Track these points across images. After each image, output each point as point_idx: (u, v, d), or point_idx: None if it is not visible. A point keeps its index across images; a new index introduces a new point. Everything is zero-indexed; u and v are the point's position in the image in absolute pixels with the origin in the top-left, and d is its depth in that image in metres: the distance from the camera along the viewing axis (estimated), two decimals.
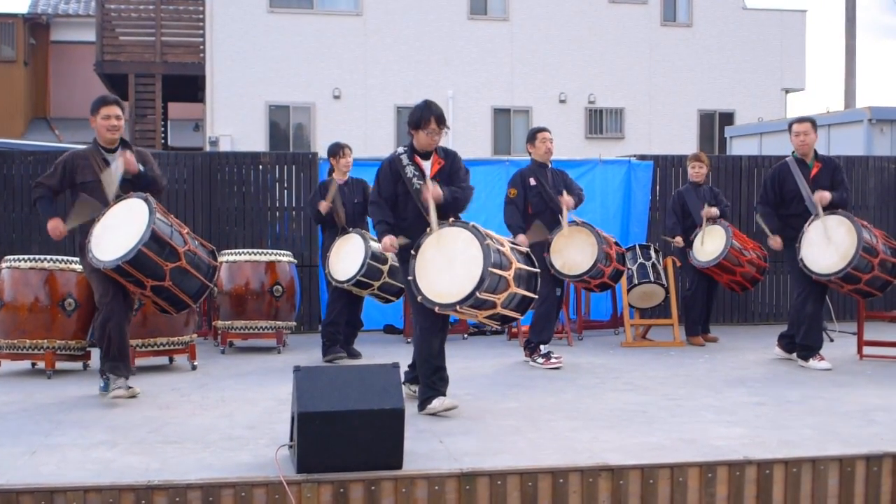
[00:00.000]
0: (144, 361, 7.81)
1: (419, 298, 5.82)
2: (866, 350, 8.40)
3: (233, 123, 20.90)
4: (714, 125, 22.43)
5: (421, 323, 6.11)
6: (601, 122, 22.22)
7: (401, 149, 6.32)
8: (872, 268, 7.63)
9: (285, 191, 10.58)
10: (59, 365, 7.58)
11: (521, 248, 6.27)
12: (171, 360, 8.09)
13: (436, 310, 5.81)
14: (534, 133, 8.34)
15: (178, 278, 6.26)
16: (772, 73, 22.95)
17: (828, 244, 7.64)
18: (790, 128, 8.13)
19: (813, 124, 8.04)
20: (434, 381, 6.08)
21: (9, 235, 10.14)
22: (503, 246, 5.94)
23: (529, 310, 8.15)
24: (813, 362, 7.84)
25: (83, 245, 6.33)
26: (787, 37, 23.13)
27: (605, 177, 11.00)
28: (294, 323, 9.23)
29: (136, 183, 6.39)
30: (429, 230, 5.94)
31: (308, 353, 8.68)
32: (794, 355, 8.09)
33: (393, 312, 10.11)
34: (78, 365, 7.80)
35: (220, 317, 8.95)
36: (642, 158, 11.36)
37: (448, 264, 5.81)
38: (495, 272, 5.72)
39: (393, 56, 21.38)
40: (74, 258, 7.47)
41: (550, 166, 8.34)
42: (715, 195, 9.61)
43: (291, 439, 4.77)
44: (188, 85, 22.89)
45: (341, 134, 18.91)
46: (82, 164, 6.44)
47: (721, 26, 22.71)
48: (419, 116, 6.10)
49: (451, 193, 6.12)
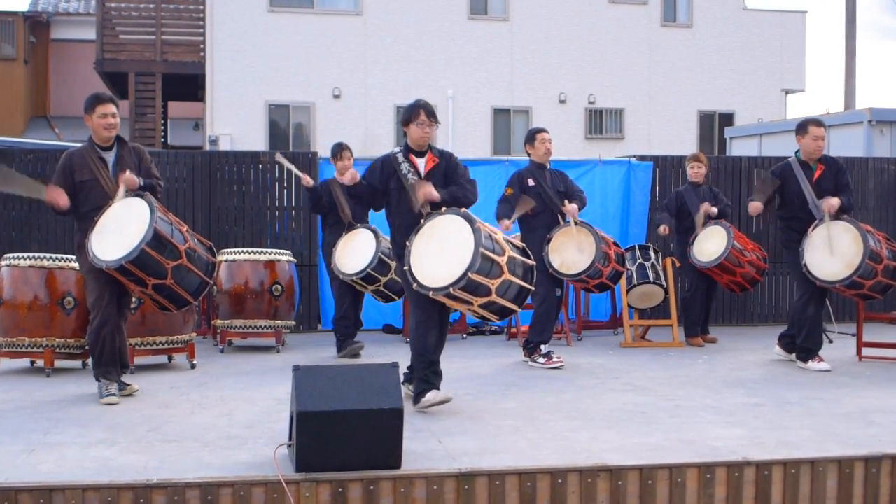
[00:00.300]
0: (143, 360, 7.82)
1: (414, 286, 5.90)
2: (865, 351, 8.41)
3: (233, 122, 20.91)
4: (714, 126, 22.43)
5: (417, 316, 6.19)
6: (601, 123, 22.23)
7: (397, 148, 6.47)
8: (876, 274, 7.61)
9: (285, 190, 10.59)
10: (59, 363, 7.58)
11: (517, 242, 6.32)
12: (171, 359, 8.09)
13: (430, 295, 5.86)
14: (533, 134, 8.33)
15: (179, 276, 6.27)
16: (772, 74, 22.96)
17: (832, 251, 7.59)
18: (805, 128, 7.88)
19: (825, 129, 8.03)
20: (427, 375, 6.16)
21: (8, 234, 10.13)
22: (496, 234, 6.06)
23: (528, 309, 8.27)
24: (812, 364, 7.83)
25: (81, 244, 6.33)
26: (788, 38, 23.13)
27: (605, 177, 11.00)
28: (293, 322, 9.23)
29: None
30: (422, 220, 6.04)
31: (307, 353, 8.68)
32: (794, 356, 8.10)
33: (392, 312, 10.12)
34: (77, 363, 7.80)
35: (220, 316, 8.95)
36: (642, 159, 11.35)
37: (441, 250, 5.91)
38: (487, 254, 5.79)
39: (393, 56, 21.38)
40: (74, 256, 7.46)
41: (549, 167, 8.35)
42: (715, 195, 9.60)
43: (290, 438, 4.77)
44: (188, 84, 22.89)
45: (341, 133, 18.96)
46: (79, 163, 6.44)
47: (721, 27, 22.71)
48: (408, 111, 6.40)
49: (450, 193, 6.20)
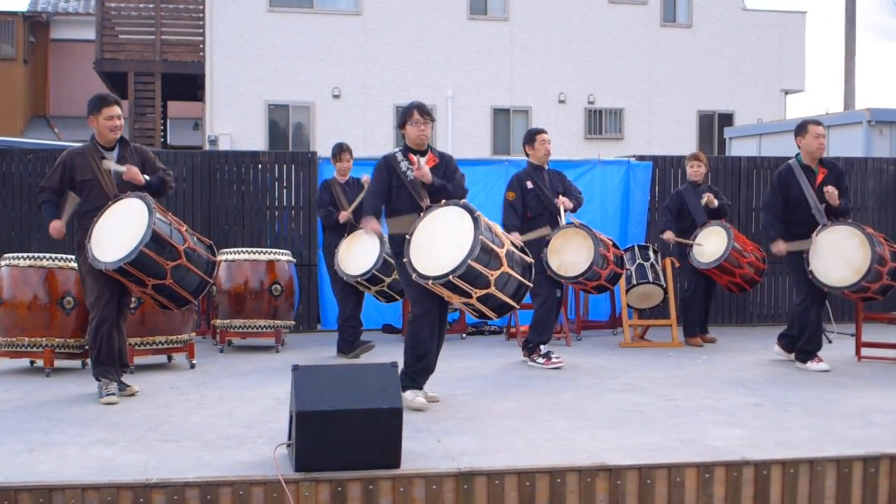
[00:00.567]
0: (143, 360, 7.82)
1: (413, 276, 5.91)
2: (864, 351, 8.41)
3: (232, 122, 20.91)
4: (713, 126, 22.43)
5: (415, 311, 6.25)
6: (600, 123, 22.23)
7: (397, 148, 6.56)
8: (881, 277, 7.62)
9: (284, 190, 10.59)
10: (58, 363, 7.58)
11: (516, 240, 6.38)
12: (170, 359, 8.10)
13: (430, 284, 5.86)
14: (532, 135, 8.29)
15: (179, 276, 6.28)
16: (771, 75, 22.96)
17: (839, 257, 7.58)
18: (804, 128, 7.85)
19: (825, 129, 8.03)
20: (416, 371, 6.19)
21: (8, 233, 10.13)
22: (496, 227, 6.12)
23: (528, 309, 8.28)
24: (811, 364, 7.83)
25: (81, 244, 6.34)
26: (787, 38, 23.14)
27: (604, 177, 11.00)
28: (293, 322, 9.23)
29: (144, 190, 6.40)
30: (422, 214, 6.10)
31: (307, 353, 8.68)
32: (793, 356, 8.10)
33: (392, 312, 10.12)
34: (76, 363, 7.80)
35: (219, 315, 8.95)
36: (641, 159, 11.35)
37: (441, 239, 5.95)
38: (487, 244, 5.83)
39: (393, 56, 21.38)
40: (73, 256, 7.47)
41: (548, 168, 8.34)
42: (715, 193, 9.59)
43: (290, 438, 4.78)
44: (188, 83, 22.90)
45: (341, 133, 18.97)
46: (81, 163, 6.46)
47: (721, 27, 22.72)
48: (402, 113, 6.49)
49: (442, 183, 6.30)
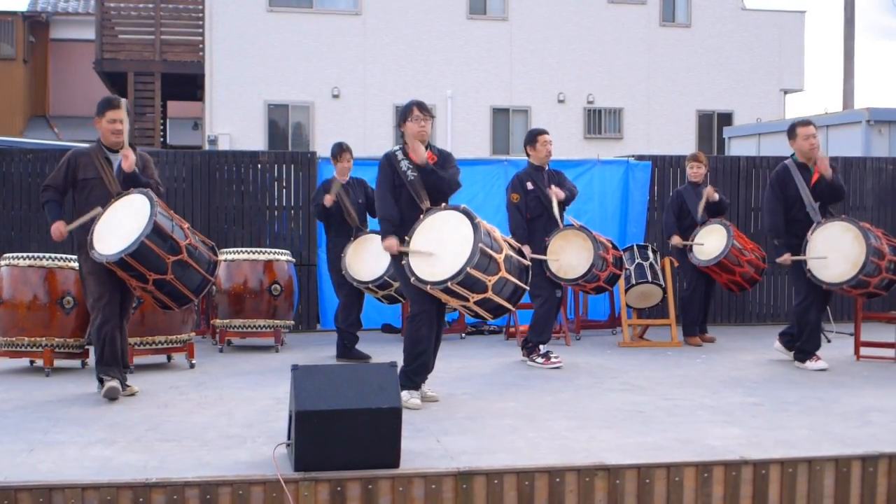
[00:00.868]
0: (143, 360, 7.82)
1: (412, 280, 5.98)
2: (863, 351, 8.42)
3: (232, 122, 20.91)
4: (712, 125, 22.43)
5: (413, 310, 6.28)
6: (600, 122, 22.23)
7: (396, 146, 6.55)
8: (880, 271, 7.62)
9: (284, 190, 10.60)
10: (58, 363, 7.59)
11: (513, 242, 6.38)
12: (170, 359, 8.10)
13: (428, 289, 5.93)
14: (534, 135, 8.26)
15: (180, 272, 6.30)
16: (770, 74, 22.97)
17: (835, 252, 7.59)
18: (793, 131, 7.95)
19: (815, 128, 8.04)
20: (415, 370, 6.21)
21: (8, 233, 10.14)
22: (495, 232, 6.12)
23: (527, 308, 8.28)
24: (809, 363, 7.84)
25: (82, 243, 6.35)
26: (786, 37, 23.14)
27: (604, 177, 11.00)
28: (292, 322, 9.24)
29: (128, 184, 6.42)
30: (422, 216, 6.11)
31: (306, 352, 8.68)
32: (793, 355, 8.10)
33: (391, 312, 10.12)
34: (76, 363, 7.81)
35: (219, 315, 8.96)
36: (640, 159, 11.35)
37: (440, 244, 5.98)
38: (486, 250, 5.87)
39: (392, 55, 21.38)
40: (73, 256, 7.48)
41: (548, 168, 8.33)
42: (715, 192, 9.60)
43: (289, 438, 4.79)
44: (187, 83, 22.89)
45: (340, 133, 18.95)
46: (85, 162, 6.49)
47: (720, 27, 22.72)
48: (402, 111, 6.49)
49: (432, 168, 6.29)
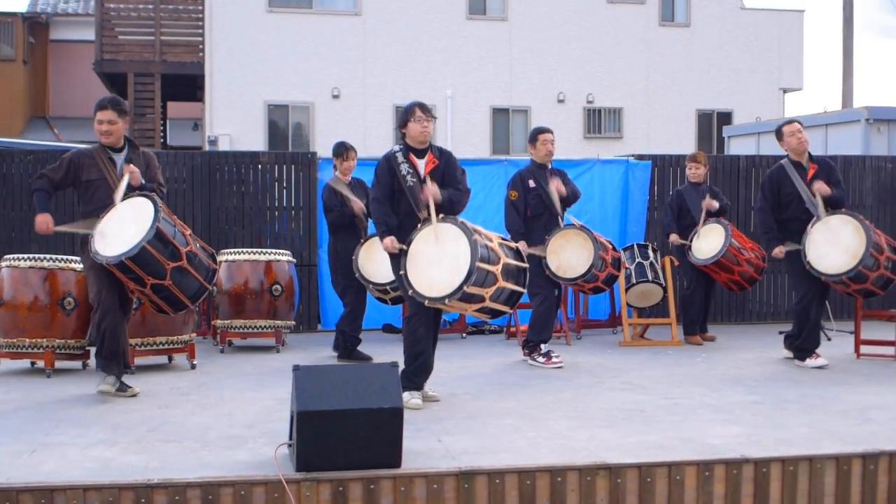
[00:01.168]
0: (144, 360, 7.83)
1: (410, 292, 6.06)
2: (863, 349, 8.43)
3: (232, 123, 20.92)
4: (712, 125, 22.44)
5: (411, 309, 6.31)
6: (599, 122, 22.24)
7: (396, 146, 6.47)
8: (879, 265, 7.63)
9: (284, 190, 10.60)
10: (59, 364, 7.59)
11: (511, 244, 6.37)
12: (171, 360, 8.11)
13: (425, 303, 6.01)
14: (535, 134, 8.28)
15: (178, 278, 6.29)
16: (769, 73, 22.97)
17: (835, 244, 7.61)
18: (779, 132, 8.08)
19: (801, 124, 8.07)
20: (415, 370, 6.26)
21: (8, 234, 10.15)
22: (492, 241, 6.13)
23: (527, 308, 8.28)
24: (809, 361, 7.85)
25: (85, 241, 6.36)
26: (785, 37, 23.15)
27: (604, 176, 11.01)
28: (293, 322, 9.24)
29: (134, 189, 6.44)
30: (420, 225, 6.12)
31: (307, 353, 8.69)
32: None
33: (391, 312, 10.11)
34: (77, 364, 7.81)
35: (220, 316, 8.97)
36: (640, 158, 11.36)
37: (438, 259, 6.01)
38: (483, 267, 5.90)
39: (392, 56, 21.39)
40: (74, 257, 7.50)
41: (550, 167, 8.34)
42: (715, 194, 9.60)
43: (290, 438, 4.79)
44: (187, 84, 22.89)
45: (340, 133, 18.93)
46: (88, 163, 6.48)
47: (719, 26, 22.73)
48: (403, 112, 6.48)
49: (449, 196, 6.27)
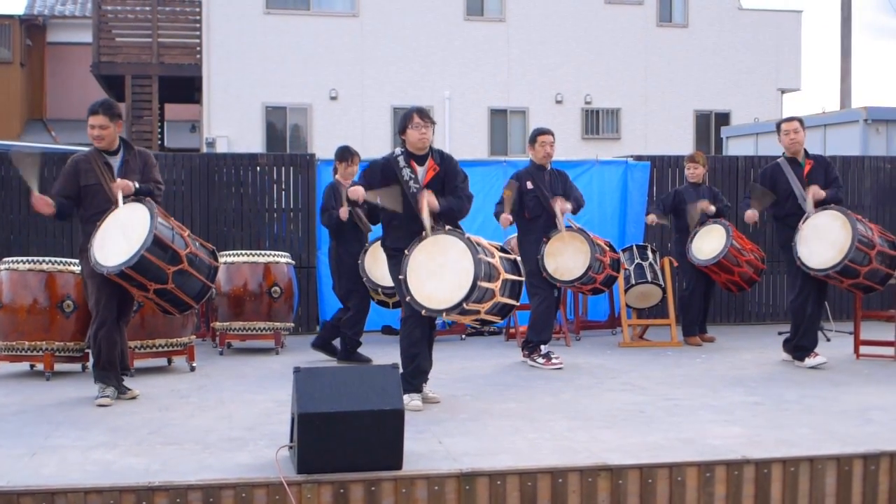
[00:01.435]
0: (143, 363, 7.82)
1: (408, 299, 6.08)
2: (863, 349, 8.43)
3: (229, 124, 20.90)
4: (710, 125, 22.46)
5: (406, 311, 6.31)
6: (597, 123, 22.24)
7: (398, 150, 6.39)
8: (870, 260, 7.62)
9: (283, 192, 10.59)
10: (58, 367, 7.57)
11: (510, 255, 6.38)
12: (170, 362, 8.10)
13: (423, 313, 6.07)
14: (535, 135, 8.29)
15: (180, 281, 6.30)
16: (767, 74, 22.98)
17: (823, 240, 7.64)
18: (778, 128, 8.14)
19: (801, 123, 8.08)
20: (412, 372, 6.26)
21: (7, 237, 10.12)
22: (493, 257, 6.15)
23: (526, 309, 8.28)
24: (808, 360, 7.85)
25: (84, 247, 6.35)
26: (783, 37, 23.16)
27: (603, 177, 11.01)
28: (292, 324, 9.24)
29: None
30: (423, 234, 6.10)
31: (306, 355, 8.67)
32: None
33: (391, 314, 10.10)
34: (77, 366, 7.80)
35: (218, 318, 8.96)
36: (639, 159, 11.36)
37: (439, 271, 6.03)
38: (483, 285, 5.96)
39: (389, 57, 21.38)
40: (73, 260, 7.49)
41: (550, 168, 8.33)
42: (714, 194, 9.61)
43: (291, 440, 4.78)
44: (185, 86, 22.87)
45: (338, 135, 18.98)
46: (85, 168, 6.49)
47: (717, 27, 22.74)
48: (403, 118, 6.36)
49: (448, 204, 6.22)
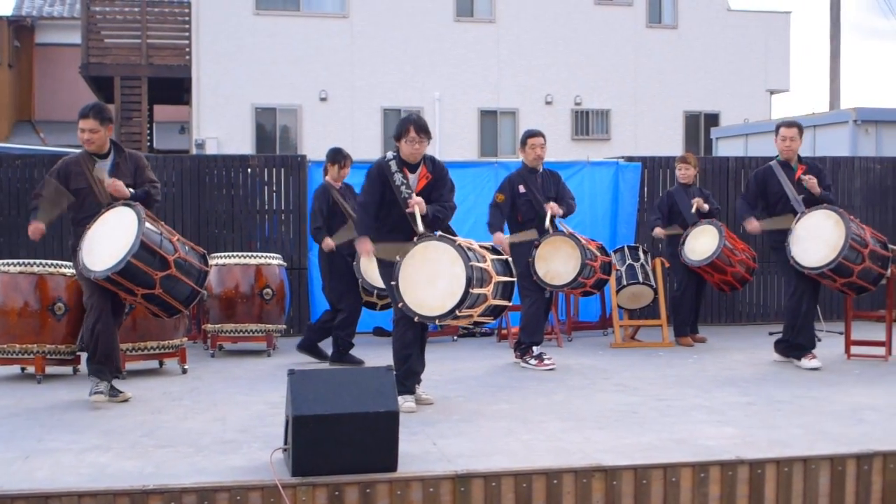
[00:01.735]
0: (135, 365, 7.80)
1: (400, 305, 6.09)
2: (854, 350, 8.47)
3: (219, 126, 20.86)
4: (699, 126, 22.52)
5: (397, 314, 6.31)
6: (587, 124, 22.28)
7: (390, 154, 6.41)
8: (863, 259, 7.65)
9: (274, 194, 10.58)
10: (49, 369, 7.55)
11: (501, 256, 6.40)
12: (162, 364, 8.07)
13: (415, 319, 6.05)
14: (526, 138, 8.31)
15: (169, 285, 6.26)
16: (757, 75, 23.06)
17: (816, 238, 7.67)
18: (777, 129, 8.17)
19: (800, 130, 8.12)
20: (404, 374, 6.25)
21: None
22: (485, 261, 6.15)
23: (518, 310, 8.29)
24: (804, 361, 7.88)
25: (76, 248, 6.33)
26: (772, 38, 23.25)
27: (594, 179, 11.02)
28: (283, 326, 9.22)
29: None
30: (416, 238, 6.11)
31: (298, 356, 8.65)
32: (791, 357, 8.10)
33: (383, 315, 10.08)
34: (68, 369, 7.77)
35: (210, 320, 8.94)
36: (630, 160, 11.38)
37: (432, 278, 6.02)
38: (475, 291, 5.97)
39: (379, 58, 21.37)
40: (65, 262, 7.46)
41: (542, 170, 8.33)
42: (705, 196, 9.64)
43: (286, 442, 4.78)
44: (174, 87, 22.82)
45: (328, 136, 18.96)
46: (75, 171, 6.46)
47: (706, 28, 22.81)
48: (399, 127, 6.32)
49: (433, 212, 6.25)
